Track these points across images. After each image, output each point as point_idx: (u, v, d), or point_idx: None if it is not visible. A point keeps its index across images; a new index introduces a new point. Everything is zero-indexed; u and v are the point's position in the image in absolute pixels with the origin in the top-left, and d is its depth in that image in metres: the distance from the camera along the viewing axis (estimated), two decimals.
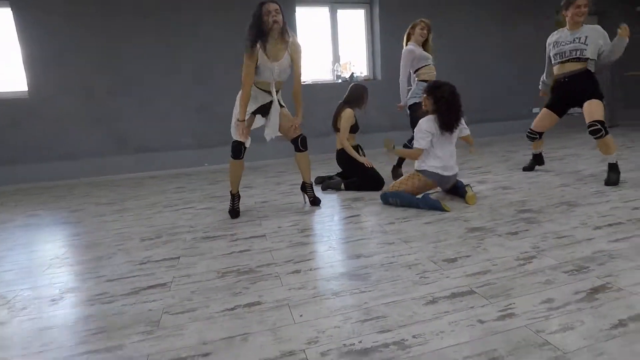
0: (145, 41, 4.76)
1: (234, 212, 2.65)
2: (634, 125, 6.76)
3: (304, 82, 5.31)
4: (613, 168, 2.88)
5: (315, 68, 5.64)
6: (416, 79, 3.42)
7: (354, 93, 3.37)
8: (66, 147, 4.68)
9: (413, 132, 3.30)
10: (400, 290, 1.47)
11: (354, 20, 5.81)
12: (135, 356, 1.16)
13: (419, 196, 2.59)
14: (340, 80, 5.64)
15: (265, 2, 2.32)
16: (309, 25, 5.56)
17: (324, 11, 5.53)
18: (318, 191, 3.21)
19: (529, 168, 3.53)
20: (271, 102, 2.59)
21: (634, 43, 6.95)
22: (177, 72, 4.92)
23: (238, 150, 2.56)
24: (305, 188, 2.83)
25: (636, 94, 7.05)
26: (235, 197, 2.71)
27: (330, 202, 2.90)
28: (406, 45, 3.45)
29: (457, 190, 2.72)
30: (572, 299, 1.33)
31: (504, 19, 6.26)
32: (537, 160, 3.52)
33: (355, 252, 1.88)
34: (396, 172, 3.59)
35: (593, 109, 2.87)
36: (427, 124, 2.57)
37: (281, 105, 2.67)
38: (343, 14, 5.66)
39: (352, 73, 5.68)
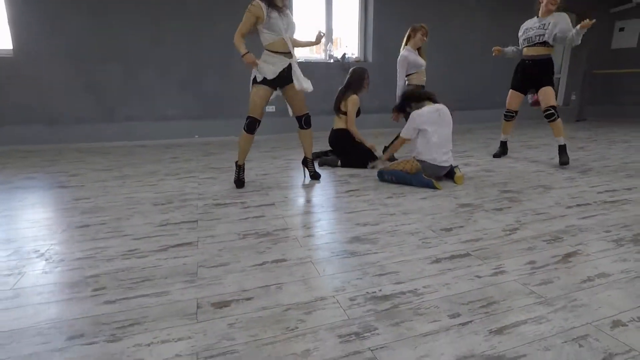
0: (135, 8, 4.65)
1: (240, 182, 2.79)
2: (599, 120, 7.29)
3: (298, 59, 5.38)
4: (563, 149, 3.29)
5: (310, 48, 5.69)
6: (407, 82, 3.61)
7: (355, 77, 3.51)
8: (51, 111, 4.57)
9: (406, 121, 3.54)
10: (407, 252, 1.69)
11: (348, 2, 5.86)
12: (184, 299, 1.32)
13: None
14: (332, 60, 5.73)
15: None
16: (304, 3, 5.57)
17: None
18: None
19: (498, 155, 3.84)
20: (289, 67, 2.61)
21: (603, 43, 7.42)
22: (166, 43, 4.84)
23: (253, 125, 2.67)
24: (307, 162, 2.99)
25: (602, 91, 7.56)
26: (241, 168, 2.83)
27: (328, 177, 3.08)
28: (404, 47, 3.56)
29: (447, 173, 2.96)
30: (550, 261, 1.59)
31: (496, 14, 6.49)
32: (504, 147, 3.83)
33: (362, 220, 2.08)
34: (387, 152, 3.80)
35: (548, 96, 3.28)
36: (418, 117, 2.76)
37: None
38: None
39: (344, 54, 5.77)
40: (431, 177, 2.78)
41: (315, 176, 2.97)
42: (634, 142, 4.65)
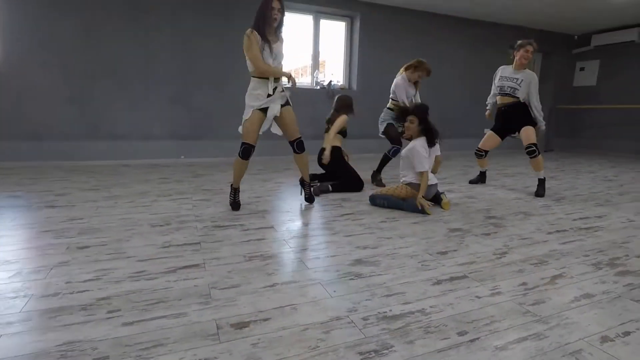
0: (124, 26, 4.70)
1: (236, 205, 2.82)
2: (565, 151, 7.81)
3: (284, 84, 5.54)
4: (542, 182, 3.54)
5: (296, 72, 5.89)
6: (387, 106, 3.83)
7: (343, 103, 3.68)
8: (33, 125, 4.48)
9: (391, 143, 3.73)
10: (409, 274, 1.78)
11: (335, 31, 6.14)
12: (203, 321, 1.35)
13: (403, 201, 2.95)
14: (318, 87, 5.93)
15: None
16: (293, 31, 5.80)
17: (308, 19, 5.80)
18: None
19: (475, 181, 4.07)
20: (275, 89, 2.71)
21: (566, 81, 8.06)
22: (155, 60, 4.90)
23: (248, 152, 2.73)
24: (304, 184, 3.07)
25: (566, 125, 8.14)
26: (236, 191, 2.87)
27: (321, 200, 3.17)
28: (402, 72, 3.80)
29: (434, 197, 3.12)
30: (540, 283, 1.73)
31: (470, 49, 6.95)
32: (482, 177, 4.08)
33: (361, 244, 2.17)
34: (375, 177, 3.94)
35: (529, 134, 3.54)
36: (423, 149, 2.90)
37: (288, 104, 2.84)
38: (325, 24, 5.97)
39: (330, 81, 6.00)
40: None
41: (309, 199, 3.05)
42: (598, 173, 5.03)
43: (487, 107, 4.00)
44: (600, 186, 4.12)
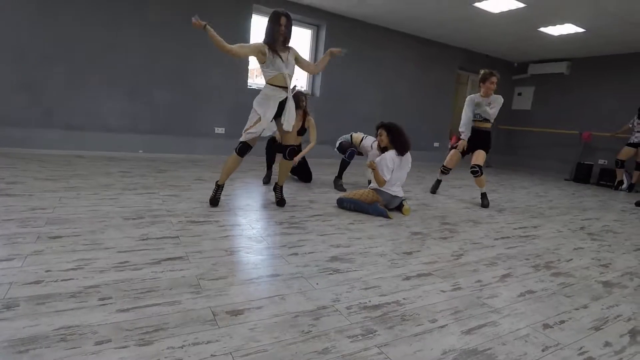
0: (89, 8, 4.49)
1: (215, 201, 2.86)
2: (502, 167, 8.59)
3: (251, 85, 5.59)
4: (485, 196, 3.98)
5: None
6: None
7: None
8: None
9: (342, 153, 3.99)
10: (381, 270, 1.96)
11: (300, 39, 6.29)
12: (198, 308, 1.41)
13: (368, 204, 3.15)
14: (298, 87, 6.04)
15: (279, 14, 2.70)
16: (259, 36, 5.85)
17: None
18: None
19: (433, 190, 4.42)
20: (286, 98, 2.83)
21: (506, 104, 8.90)
22: (117, 49, 4.73)
23: (244, 150, 2.81)
24: (276, 189, 3.16)
25: (504, 143, 8.97)
26: (220, 188, 2.91)
27: (290, 202, 3.28)
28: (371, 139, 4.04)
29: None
30: (492, 280, 1.99)
31: (422, 65, 7.44)
32: (437, 185, 4.44)
33: (334, 242, 2.32)
34: (337, 182, 4.12)
35: (479, 157, 3.98)
36: (390, 161, 3.14)
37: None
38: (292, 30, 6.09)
39: (295, 86, 6.12)
40: (385, 206, 3.15)
41: (280, 203, 3.12)
42: (530, 189, 5.65)
43: (462, 137, 4.07)
44: (533, 200, 4.65)
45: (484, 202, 3.93)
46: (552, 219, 3.66)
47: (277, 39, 2.72)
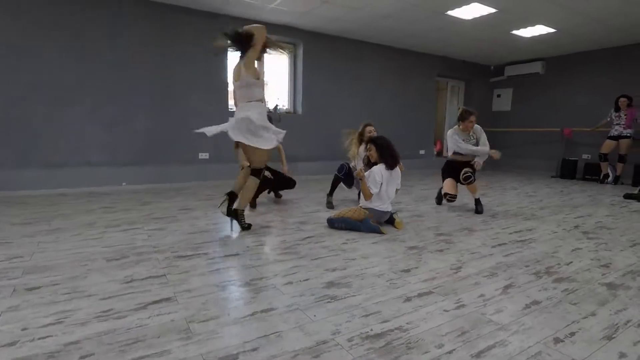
0: (60, 44, 4.40)
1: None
2: (488, 170, 8.64)
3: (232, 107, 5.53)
4: (479, 202, 3.96)
5: None
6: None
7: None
8: None
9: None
10: (380, 293, 1.88)
11: (279, 57, 6.30)
12: (189, 357, 1.31)
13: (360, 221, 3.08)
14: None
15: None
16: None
17: None
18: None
19: (438, 202, 4.36)
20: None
21: (486, 106, 9.02)
22: (92, 79, 4.63)
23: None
24: (237, 214, 2.96)
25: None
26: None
27: (280, 224, 3.19)
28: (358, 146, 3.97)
29: (388, 219, 3.30)
30: (495, 293, 1.92)
31: (401, 75, 7.51)
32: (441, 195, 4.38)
33: (329, 266, 2.24)
34: (327, 200, 4.04)
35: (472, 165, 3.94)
36: (379, 174, 3.09)
37: None
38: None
39: (276, 105, 6.10)
40: (376, 222, 3.08)
41: (248, 227, 2.96)
42: (520, 189, 5.67)
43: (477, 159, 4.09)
44: (524, 201, 4.65)
45: (478, 209, 3.91)
46: (545, 220, 3.64)
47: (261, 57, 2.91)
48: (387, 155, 3.14)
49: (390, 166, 3.13)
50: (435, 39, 6.64)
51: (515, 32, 6.05)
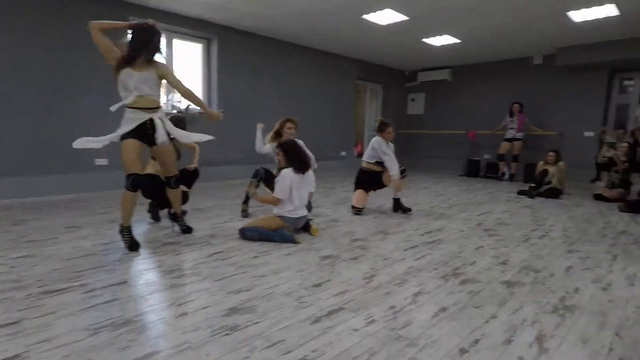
0: None
1: (135, 244, 2.57)
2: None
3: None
4: (399, 200, 4.06)
5: None
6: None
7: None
8: None
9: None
10: (287, 315, 1.71)
11: (191, 54, 5.85)
12: None
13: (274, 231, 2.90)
14: (175, 111, 5.52)
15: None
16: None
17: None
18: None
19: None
20: (152, 123, 2.54)
21: (402, 110, 9.48)
22: None
23: (136, 182, 2.50)
24: (176, 217, 2.96)
25: (404, 146, 9.50)
26: (130, 229, 2.59)
27: (186, 239, 2.87)
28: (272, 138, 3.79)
29: (303, 225, 3.16)
30: (405, 303, 1.87)
31: (323, 77, 7.48)
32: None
33: (234, 287, 2.01)
34: (242, 208, 3.79)
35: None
36: (287, 178, 2.92)
37: (170, 138, 2.70)
38: (179, 44, 5.63)
39: (188, 105, 5.65)
40: (291, 230, 2.92)
41: (187, 230, 2.94)
42: (432, 188, 5.98)
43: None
44: (435, 200, 4.88)
45: (399, 207, 4.01)
46: (453, 218, 3.81)
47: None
48: (294, 159, 3.00)
49: (299, 170, 2.98)
50: (354, 43, 6.72)
51: (425, 40, 6.36)
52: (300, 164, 3.00)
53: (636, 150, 5.45)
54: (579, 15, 4.86)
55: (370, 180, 4.02)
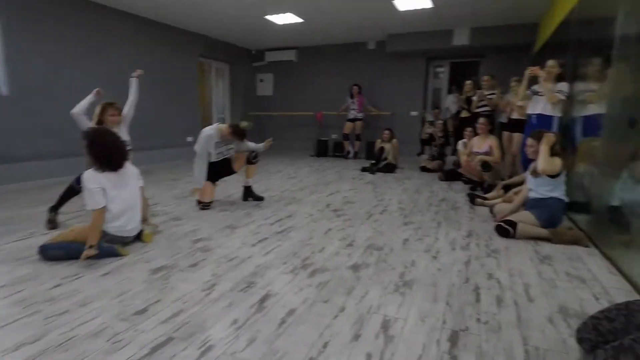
0: None
1: None
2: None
3: None
4: (249, 189, 3.83)
5: None
6: None
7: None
8: None
9: None
10: None
11: None
12: None
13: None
14: None
15: None
16: None
17: None
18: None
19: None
20: None
21: (251, 91, 9.16)
22: None
23: None
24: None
25: (255, 129, 9.28)
26: None
27: None
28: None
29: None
30: (249, 313, 1.64)
31: (160, 53, 6.51)
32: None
33: (16, 340, 1.43)
34: (50, 218, 2.94)
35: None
36: (93, 182, 2.27)
37: None
38: None
39: None
40: (114, 243, 2.36)
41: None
42: (284, 171, 5.93)
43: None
44: (287, 184, 4.81)
45: (250, 195, 3.79)
46: (303, 202, 3.78)
47: None
48: (97, 155, 2.32)
49: (110, 167, 2.36)
50: (195, 15, 6.01)
51: (269, 17, 6.10)
52: (105, 158, 2.31)
53: (447, 133, 6.43)
54: (402, 4, 5.33)
55: (217, 169, 3.63)
